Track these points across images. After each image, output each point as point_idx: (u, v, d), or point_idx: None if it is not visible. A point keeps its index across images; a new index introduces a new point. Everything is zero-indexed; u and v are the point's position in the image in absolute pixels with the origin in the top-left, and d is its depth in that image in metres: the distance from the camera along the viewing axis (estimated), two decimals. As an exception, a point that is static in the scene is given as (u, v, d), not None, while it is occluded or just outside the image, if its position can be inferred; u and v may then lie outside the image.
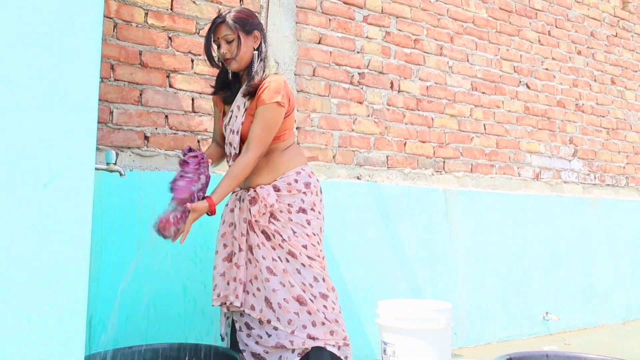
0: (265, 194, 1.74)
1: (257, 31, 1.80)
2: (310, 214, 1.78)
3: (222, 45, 1.76)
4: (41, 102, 1.06)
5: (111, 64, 2.09)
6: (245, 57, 1.77)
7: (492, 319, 3.03)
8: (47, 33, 1.07)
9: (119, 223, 2.00)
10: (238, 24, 1.75)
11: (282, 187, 1.77)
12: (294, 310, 1.69)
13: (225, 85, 1.87)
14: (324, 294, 1.74)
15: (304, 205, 1.78)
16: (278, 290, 1.70)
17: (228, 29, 1.74)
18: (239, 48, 1.74)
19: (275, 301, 1.69)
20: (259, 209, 1.73)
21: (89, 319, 1.91)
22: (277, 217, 1.75)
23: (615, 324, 3.66)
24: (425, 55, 3.03)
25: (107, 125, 2.06)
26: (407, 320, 2.07)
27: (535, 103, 3.53)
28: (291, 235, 1.74)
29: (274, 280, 1.71)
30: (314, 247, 1.76)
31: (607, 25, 4.06)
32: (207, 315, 2.16)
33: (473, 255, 3.01)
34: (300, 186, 1.78)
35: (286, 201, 1.76)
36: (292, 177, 1.79)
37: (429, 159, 2.99)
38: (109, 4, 2.09)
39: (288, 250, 1.73)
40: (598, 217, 3.68)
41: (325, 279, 1.76)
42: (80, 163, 1.09)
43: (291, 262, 1.73)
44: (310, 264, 1.73)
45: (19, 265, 1.02)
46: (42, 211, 1.04)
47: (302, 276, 1.72)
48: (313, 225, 1.78)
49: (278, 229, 1.74)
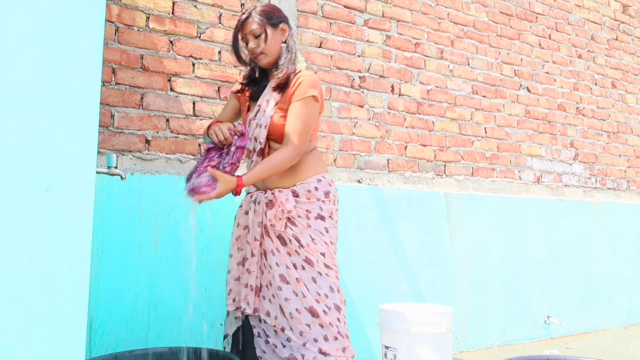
0: (283, 198, 1.68)
1: (284, 24, 1.77)
2: (328, 221, 1.73)
3: (250, 41, 1.74)
4: (43, 105, 1.06)
5: (112, 68, 2.09)
6: (274, 51, 1.75)
7: (493, 322, 3.03)
8: (49, 37, 1.08)
9: (120, 226, 2.00)
10: (264, 17, 1.73)
11: (302, 193, 1.72)
12: (305, 322, 1.63)
13: (252, 82, 1.85)
14: (338, 305, 1.67)
15: (322, 212, 1.72)
16: (290, 299, 1.64)
17: (255, 23, 1.72)
18: (266, 41, 1.72)
19: (288, 310, 1.64)
20: (275, 213, 1.68)
21: (90, 323, 1.90)
22: (295, 223, 1.69)
23: (617, 328, 3.65)
24: (426, 58, 3.04)
25: (108, 128, 2.07)
26: (408, 324, 2.06)
27: (536, 106, 3.53)
28: (309, 242, 1.67)
29: (286, 288, 1.65)
30: (331, 256, 1.71)
31: (608, 28, 4.06)
32: (207, 319, 2.16)
33: (474, 259, 3.00)
34: (320, 194, 1.73)
35: (304, 207, 1.71)
36: (312, 184, 1.74)
37: (430, 163, 2.99)
38: (111, 8, 2.09)
39: (305, 257, 1.66)
40: (599, 220, 3.68)
41: (340, 290, 1.71)
42: (82, 167, 1.09)
43: (307, 270, 1.66)
44: (327, 272, 1.67)
45: (19, 268, 1.02)
46: (43, 215, 1.04)
47: (317, 285, 1.66)
48: (331, 234, 1.73)
49: (296, 234, 1.67)
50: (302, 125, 1.69)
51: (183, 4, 2.27)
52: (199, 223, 2.17)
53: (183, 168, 2.21)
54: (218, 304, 2.17)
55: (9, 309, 1.00)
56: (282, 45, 1.76)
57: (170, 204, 2.12)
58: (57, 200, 1.06)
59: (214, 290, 2.18)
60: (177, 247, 2.12)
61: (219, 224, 2.22)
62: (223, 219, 2.23)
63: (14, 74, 1.04)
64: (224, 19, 2.37)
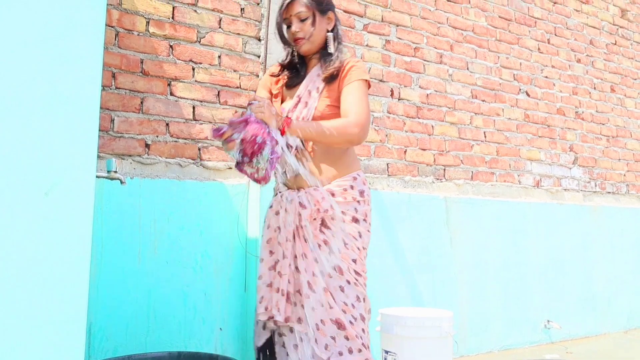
0: (319, 197, 1.57)
1: (332, 12, 1.68)
2: (362, 225, 1.63)
3: (293, 24, 1.63)
4: (43, 109, 1.06)
5: (112, 72, 2.10)
6: (319, 39, 1.65)
7: (493, 327, 3.02)
8: (50, 42, 1.08)
9: (120, 230, 2.00)
10: (314, 1, 1.62)
11: (338, 192, 1.61)
12: (330, 334, 1.53)
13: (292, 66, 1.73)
14: (363, 315, 1.58)
15: (357, 214, 1.62)
16: (317, 309, 1.54)
17: (302, 6, 1.61)
18: (313, 27, 1.62)
19: (313, 321, 1.54)
20: (310, 213, 1.56)
21: (89, 327, 1.90)
22: (328, 225, 1.58)
23: (617, 332, 3.64)
24: (425, 63, 3.05)
25: (108, 133, 2.07)
26: (408, 328, 2.06)
27: (535, 111, 3.53)
28: (341, 247, 1.57)
29: (313, 297, 1.55)
30: (362, 263, 1.61)
31: (606, 33, 4.07)
32: (207, 323, 2.16)
33: (474, 263, 3.00)
34: (355, 194, 1.62)
35: (340, 208, 1.59)
36: (348, 182, 1.62)
37: (430, 167, 2.99)
38: (111, 12, 2.10)
39: (335, 265, 1.55)
40: (599, 224, 3.68)
41: (366, 299, 1.62)
42: (82, 171, 1.09)
43: (335, 277, 1.55)
44: (356, 281, 1.57)
45: (19, 272, 1.02)
46: (42, 219, 1.04)
47: (345, 294, 1.56)
48: (363, 239, 1.63)
49: (328, 238, 1.57)
50: (361, 103, 1.56)
51: (183, 9, 2.28)
52: (198, 227, 2.17)
53: (183, 172, 2.21)
54: (217, 309, 2.17)
55: (8, 312, 1.00)
56: (327, 34, 1.66)
57: (170, 208, 2.12)
58: (56, 205, 1.06)
59: (213, 294, 2.18)
60: (177, 251, 2.12)
61: (219, 228, 2.22)
62: (223, 223, 2.23)
63: (15, 78, 1.04)
64: (223, 23, 2.38)
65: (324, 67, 1.65)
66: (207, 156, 2.27)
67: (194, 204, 2.16)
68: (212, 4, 2.35)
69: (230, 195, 2.26)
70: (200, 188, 2.19)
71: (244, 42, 2.43)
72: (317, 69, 1.68)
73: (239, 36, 2.42)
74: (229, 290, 2.22)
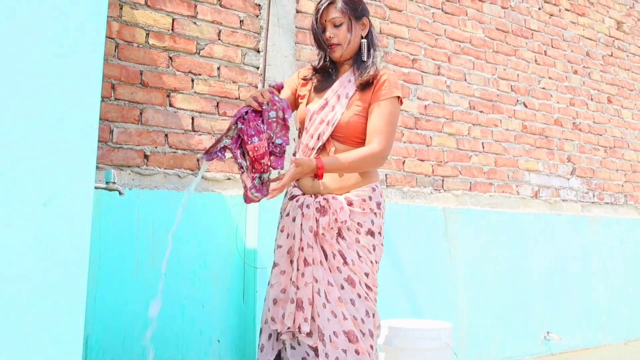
0: (338, 206, 1.54)
1: (366, 18, 1.66)
2: (377, 238, 1.61)
3: (328, 29, 1.61)
4: (42, 121, 1.07)
5: (112, 84, 2.11)
6: (353, 45, 1.63)
7: (493, 338, 3.00)
8: (51, 53, 1.09)
9: (118, 242, 1.99)
10: (349, 6, 1.60)
11: (356, 202, 1.58)
12: (342, 347, 1.48)
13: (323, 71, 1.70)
14: (372, 332, 1.55)
15: (373, 227, 1.59)
16: (330, 320, 1.50)
17: (338, 11, 1.60)
18: (350, 32, 1.60)
19: (327, 333, 1.49)
20: (329, 221, 1.53)
21: (86, 339, 1.89)
22: (344, 236, 1.55)
23: (617, 343, 3.63)
24: (423, 74, 3.06)
25: (107, 144, 2.07)
26: (407, 340, 2.05)
27: (533, 122, 3.55)
28: (355, 259, 1.54)
29: (328, 307, 1.50)
30: (374, 277, 1.59)
31: (603, 45, 4.11)
32: (205, 335, 2.14)
33: (473, 274, 2.99)
34: (372, 205, 1.60)
35: (356, 219, 1.57)
36: (367, 192, 1.60)
37: (428, 178, 2.99)
38: (111, 24, 2.11)
39: (347, 276, 1.52)
40: (598, 235, 3.68)
41: (376, 314, 1.60)
42: (80, 182, 1.09)
43: (347, 290, 1.52)
44: (367, 295, 1.54)
45: (16, 283, 1.01)
46: (41, 230, 1.04)
47: (355, 308, 1.52)
48: (377, 253, 1.61)
49: (342, 249, 1.54)
50: (388, 126, 1.57)
51: (182, 21, 2.30)
52: (197, 238, 2.17)
53: (181, 183, 2.21)
54: (215, 320, 2.16)
55: (4, 323, 1.00)
56: (362, 40, 1.65)
57: (168, 219, 2.11)
58: (55, 215, 1.05)
59: (211, 306, 2.16)
60: (175, 262, 2.11)
61: (217, 239, 2.21)
62: (221, 234, 2.23)
63: (15, 89, 1.05)
64: (223, 35, 2.40)
65: (357, 74, 1.63)
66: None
67: (192, 215, 2.16)
68: (211, 16, 2.37)
69: (229, 207, 2.26)
70: (199, 199, 2.19)
71: (243, 54, 2.44)
72: (349, 75, 1.65)
73: (238, 48, 2.43)
74: (227, 301, 2.21)
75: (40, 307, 1.03)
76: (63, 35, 1.10)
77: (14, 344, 1.00)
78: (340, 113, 1.60)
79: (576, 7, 3.97)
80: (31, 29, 1.07)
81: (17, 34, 1.06)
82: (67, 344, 1.05)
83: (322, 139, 1.60)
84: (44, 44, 1.08)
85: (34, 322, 1.02)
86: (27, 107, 1.06)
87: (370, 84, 1.61)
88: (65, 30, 1.10)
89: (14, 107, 1.04)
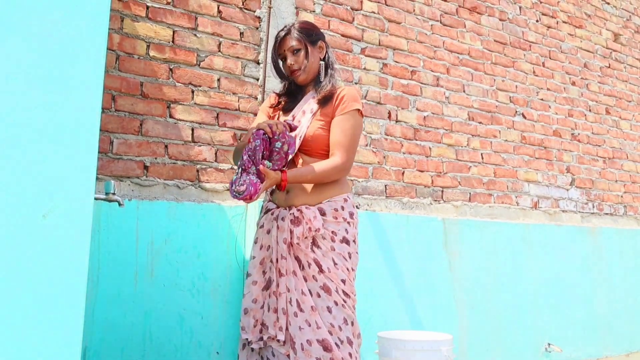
0: (311, 215, 1.60)
1: (322, 41, 1.79)
2: (352, 246, 1.66)
3: (288, 58, 1.74)
4: (42, 132, 1.07)
5: (112, 95, 2.12)
6: (313, 68, 1.75)
7: (493, 350, 2.98)
8: (52, 64, 1.09)
9: (117, 253, 1.99)
10: (303, 34, 1.74)
11: (329, 211, 1.65)
12: (316, 355, 1.52)
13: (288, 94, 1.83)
14: (351, 339, 1.57)
15: (348, 235, 1.65)
16: (304, 329, 1.53)
17: (294, 40, 1.73)
18: (307, 58, 1.73)
19: (299, 342, 1.53)
20: (302, 231, 1.59)
21: (84, 350, 1.87)
22: (319, 244, 1.60)
23: (618, 355, 3.60)
24: (422, 86, 3.08)
25: (107, 155, 2.08)
26: (406, 352, 2.04)
27: (532, 133, 3.56)
28: (331, 267, 1.58)
29: (301, 317, 1.54)
30: (351, 284, 1.62)
31: (600, 56, 4.14)
32: (203, 347, 2.13)
33: (473, 285, 2.98)
34: (345, 214, 1.66)
35: (330, 228, 1.63)
36: (339, 202, 1.67)
37: (427, 188, 3.00)
38: (112, 36, 2.13)
39: (323, 284, 1.56)
40: (598, 246, 3.67)
41: (355, 322, 1.62)
42: (80, 194, 1.09)
43: (323, 298, 1.56)
44: (344, 302, 1.57)
45: (15, 294, 1.01)
46: (40, 241, 1.04)
47: (332, 316, 1.56)
48: (353, 260, 1.65)
49: (318, 257, 1.58)
50: (349, 138, 1.66)
51: (183, 33, 2.31)
52: (196, 249, 2.16)
53: (181, 194, 2.21)
54: (214, 332, 2.15)
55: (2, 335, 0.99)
56: (320, 62, 1.77)
57: (167, 230, 2.11)
58: (54, 227, 1.05)
59: (210, 317, 2.15)
60: (174, 274, 2.10)
61: (216, 250, 2.21)
62: (220, 245, 2.22)
63: (16, 99, 1.05)
64: (223, 47, 2.41)
65: (317, 92, 1.75)
66: (205, 178, 2.28)
67: (191, 226, 2.16)
68: (211, 28, 2.39)
69: (228, 217, 2.26)
70: (198, 210, 2.19)
71: (243, 66, 2.46)
72: (312, 93, 1.77)
73: (238, 59, 2.45)
74: (226, 313, 2.19)
75: (38, 318, 1.02)
76: (64, 46, 1.11)
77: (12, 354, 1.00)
78: (305, 127, 1.71)
79: (573, 20, 4.00)
80: (32, 40, 1.08)
81: (18, 45, 1.07)
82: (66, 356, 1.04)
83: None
84: (45, 55, 1.09)
85: (32, 332, 1.02)
86: (27, 117, 1.06)
87: (330, 99, 1.72)
88: (67, 41, 1.11)
89: (15, 117, 1.05)
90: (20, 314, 1.01)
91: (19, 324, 1.01)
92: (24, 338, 1.01)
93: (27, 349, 1.01)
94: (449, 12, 3.27)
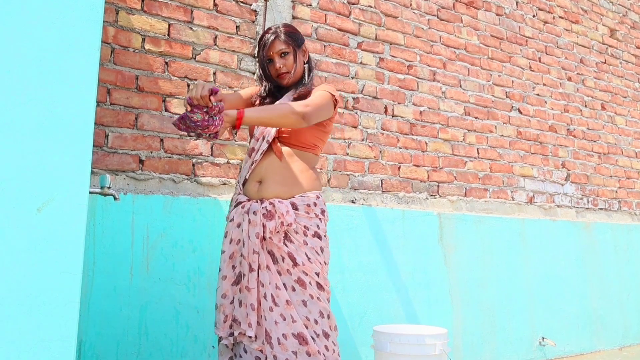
0: (284, 210, 1.60)
1: (304, 44, 1.83)
2: (324, 240, 1.67)
3: (276, 60, 1.75)
4: (37, 125, 1.07)
5: (107, 88, 2.10)
6: (299, 70, 1.79)
7: (488, 344, 3.00)
8: (46, 57, 1.09)
9: (112, 247, 1.98)
10: (291, 37, 1.76)
11: (301, 206, 1.65)
12: (292, 349, 1.53)
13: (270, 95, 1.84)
14: (327, 332, 1.58)
15: (319, 230, 1.66)
16: (279, 323, 1.54)
17: (282, 43, 1.74)
18: (295, 62, 1.76)
19: (275, 336, 1.54)
20: (275, 225, 1.59)
21: (79, 344, 1.87)
22: (292, 239, 1.61)
23: (612, 349, 3.63)
24: (419, 80, 3.08)
25: (102, 148, 2.07)
26: (402, 346, 2.05)
27: (528, 128, 3.57)
28: (305, 261, 1.59)
29: (276, 311, 1.55)
30: (324, 277, 1.64)
31: (596, 52, 4.14)
32: (199, 341, 2.13)
33: (468, 280, 3.00)
34: (317, 211, 1.68)
35: (302, 222, 1.64)
36: (312, 199, 1.68)
37: (423, 183, 3.00)
38: (107, 29, 2.12)
39: (297, 278, 1.57)
40: (592, 241, 3.69)
41: (330, 315, 1.63)
42: (75, 188, 1.09)
43: (298, 291, 1.57)
44: (318, 296, 1.58)
45: (10, 288, 1.01)
46: (35, 235, 1.04)
47: (307, 309, 1.57)
48: (325, 254, 1.67)
49: (291, 251, 1.59)
50: (318, 100, 1.67)
51: (179, 26, 2.30)
52: (192, 243, 2.16)
53: (177, 188, 2.21)
54: (210, 326, 2.15)
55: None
56: (304, 65, 1.81)
57: (163, 224, 2.11)
58: (49, 221, 1.05)
59: (205, 312, 2.15)
60: (169, 268, 2.10)
61: (212, 244, 2.21)
62: (216, 239, 2.22)
63: (10, 93, 1.05)
64: (219, 41, 2.40)
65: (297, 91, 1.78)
66: (201, 172, 2.28)
67: (187, 220, 2.16)
68: (207, 21, 2.37)
69: (224, 211, 2.25)
70: (194, 204, 2.19)
71: (239, 59, 2.45)
72: (292, 92, 1.79)
73: (234, 53, 2.44)
74: (222, 307, 2.20)
75: (33, 312, 1.02)
76: (59, 39, 1.10)
77: (7, 348, 1.00)
78: None
79: (570, 15, 4.00)
80: (27, 33, 1.07)
81: (12, 38, 1.06)
82: (61, 349, 1.04)
83: (267, 139, 1.71)
84: (40, 48, 1.08)
85: (27, 326, 1.01)
86: (22, 111, 1.05)
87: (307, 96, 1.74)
88: (61, 34, 1.11)
89: (9, 111, 1.04)
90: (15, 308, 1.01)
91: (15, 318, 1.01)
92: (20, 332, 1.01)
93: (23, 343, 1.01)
94: (446, 6, 3.27)
